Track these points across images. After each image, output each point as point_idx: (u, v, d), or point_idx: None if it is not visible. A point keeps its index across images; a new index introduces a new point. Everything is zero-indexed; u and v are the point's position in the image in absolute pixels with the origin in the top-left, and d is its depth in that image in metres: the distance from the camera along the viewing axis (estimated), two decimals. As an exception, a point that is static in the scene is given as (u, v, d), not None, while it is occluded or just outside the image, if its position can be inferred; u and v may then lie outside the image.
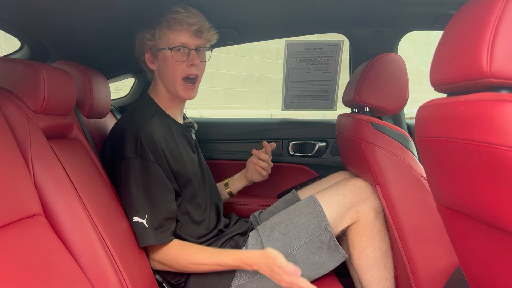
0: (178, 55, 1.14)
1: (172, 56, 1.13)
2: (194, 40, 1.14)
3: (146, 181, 1.07)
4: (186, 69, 1.15)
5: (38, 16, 1.07)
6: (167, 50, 1.13)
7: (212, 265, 1.06)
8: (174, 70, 1.14)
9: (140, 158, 1.07)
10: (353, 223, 1.19)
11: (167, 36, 1.13)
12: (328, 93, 1.84)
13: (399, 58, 1.26)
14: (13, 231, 0.67)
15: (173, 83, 1.16)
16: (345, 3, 1.33)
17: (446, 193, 0.71)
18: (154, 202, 1.06)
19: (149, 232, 1.04)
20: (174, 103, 1.24)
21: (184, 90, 1.17)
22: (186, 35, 1.13)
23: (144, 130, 1.08)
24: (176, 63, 1.14)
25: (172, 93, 1.19)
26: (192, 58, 1.14)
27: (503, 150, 0.51)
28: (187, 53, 1.14)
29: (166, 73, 1.17)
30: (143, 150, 1.07)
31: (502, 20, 0.54)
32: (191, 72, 1.15)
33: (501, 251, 0.61)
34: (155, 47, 1.15)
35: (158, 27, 1.13)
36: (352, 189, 1.20)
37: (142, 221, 1.04)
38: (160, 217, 1.06)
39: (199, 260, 1.07)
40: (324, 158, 1.80)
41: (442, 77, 0.66)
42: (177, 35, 1.12)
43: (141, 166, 1.07)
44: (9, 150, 0.75)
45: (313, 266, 1.14)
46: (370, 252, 1.19)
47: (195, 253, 1.08)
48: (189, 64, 1.14)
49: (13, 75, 0.91)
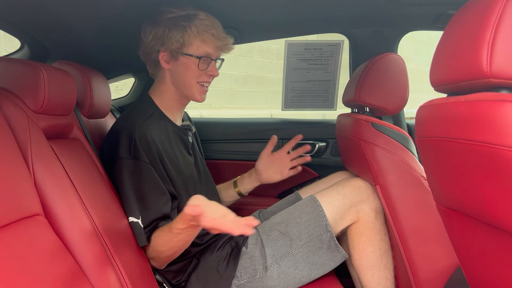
0: (203, 64, 1.16)
1: (198, 64, 1.15)
2: (217, 53, 1.19)
3: (138, 182, 1.06)
4: (205, 77, 1.19)
5: (38, 16, 1.07)
6: (194, 57, 1.15)
7: (173, 236, 1.00)
8: (193, 75, 1.17)
9: (133, 158, 1.07)
10: (353, 223, 1.19)
11: (196, 44, 1.14)
12: (328, 93, 1.84)
13: (399, 58, 1.26)
14: (13, 231, 0.67)
15: (190, 86, 1.18)
16: (345, 3, 1.33)
17: (446, 193, 0.71)
18: (145, 203, 1.06)
19: (144, 232, 1.04)
20: (178, 105, 1.24)
21: (200, 94, 1.20)
22: (213, 47, 1.16)
23: (139, 131, 1.09)
24: (198, 71, 1.16)
25: (186, 95, 1.21)
26: (212, 68, 1.19)
27: (503, 150, 0.51)
28: (208, 63, 1.17)
29: (183, 77, 1.17)
30: (137, 150, 1.07)
31: (502, 20, 0.54)
32: (207, 80, 1.20)
33: (501, 251, 0.61)
34: (180, 50, 1.15)
35: (187, 32, 1.13)
36: (352, 189, 1.20)
37: (138, 221, 1.04)
38: (151, 217, 1.05)
39: (163, 239, 1.02)
40: (324, 158, 1.80)
41: (442, 77, 0.66)
42: (206, 45, 1.15)
43: (134, 167, 1.07)
44: (9, 150, 0.75)
45: (313, 266, 1.14)
46: (370, 252, 1.19)
47: (159, 235, 1.04)
48: (209, 74, 1.19)
49: (13, 75, 0.91)
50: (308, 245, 1.14)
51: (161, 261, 1.08)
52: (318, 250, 1.14)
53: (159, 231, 1.04)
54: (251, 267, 1.14)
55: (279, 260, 1.13)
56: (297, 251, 1.14)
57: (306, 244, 1.14)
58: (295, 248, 1.14)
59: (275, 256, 1.13)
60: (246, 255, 1.15)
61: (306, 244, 1.14)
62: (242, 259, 1.15)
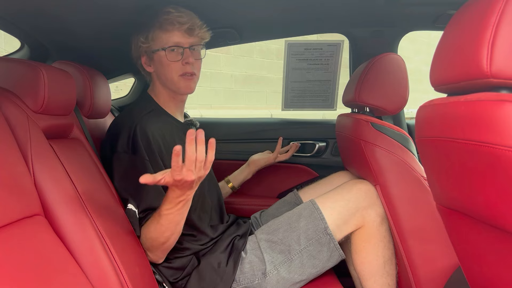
0: (172, 54, 1.15)
1: (166, 56, 1.14)
2: (187, 39, 1.16)
3: (132, 177, 1.05)
4: (181, 67, 1.16)
5: (38, 17, 1.07)
6: (161, 50, 1.15)
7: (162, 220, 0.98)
8: (170, 69, 1.16)
9: (131, 153, 1.07)
10: (358, 228, 1.17)
11: (160, 37, 1.14)
12: (328, 93, 1.84)
13: (399, 58, 1.26)
14: (13, 231, 0.67)
15: (171, 81, 1.18)
16: (345, 3, 1.33)
17: (446, 193, 0.71)
18: (140, 196, 1.05)
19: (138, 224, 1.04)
20: (175, 103, 1.25)
21: (184, 82, 1.18)
22: (178, 34, 1.14)
23: (138, 125, 1.09)
24: (171, 63, 1.15)
25: (174, 90, 1.20)
26: (186, 56, 1.16)
27: (503, 150, 0.51)
28: (181, 52, 1.16)
29: (163, 73, 1.18)
30: (135, 145, 1.07)
31: (502, 20, 0.54)
32: (187, 70, 1.17)
33: (501, 251, 0.61)
34: (150, 50, 1.17)
35: (151, 30, 1.14)
36: (359, 193, 1.17)
37: (136, 210, 1.04)
38: (140, 209, 1.04)
39: (154, 226, 1.01)
40: (324, 158, 1.80)
41: (442, 77, 0.66)
42: (169, 35, 1.14)
43: (131, 161, 1.07)
44: (9, 150, 0.75)
45: (313, 270, 1.13)
46: (373, 260, 1.17)
47: (150, 223, 1.03)
48: (184, 63, 1.16)
49: (13, 75, 0.91)
50: (308, 250, 1.13)
51: (157, 252, 1.06)
52: (318, 254, 1.13)
53: (149, 220, 1.03)
54: (250, 272, 1.13)
55: (278, 266, 1.12)
56: (296, 256, 1.12)
57: (306, 248, 1.12)
58: (294, 254, 1.12)
59: (274, 262, 1.12)
60: (245, 260, 1.14)
61: (306, 248, 1.12)
62: (242, 264, 1.14)
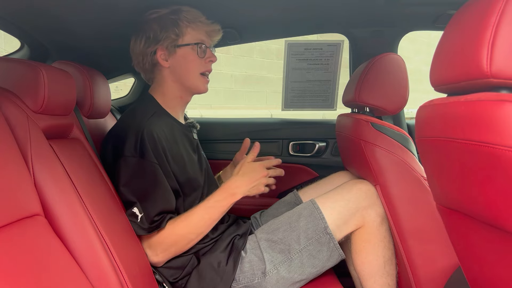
0: (200, 51, 1.19)
1: (196, 51, 1.18)
2: (209, 39, 1.23)
3: (142, 180, 1.06)
4: (204, 64, 1.21)
5: (38, 17, 1.07)
6: (190, 45, 1.18)
7: (206, 213, 1.07)
8: (194, 65, 1.19)
9: (139, 156, 1.07)
10: (358, 228, 1.17)
11: (188, 33, 1.17)
12: (328, 93, 1.84)
13: (399, 58, 1.26)
14: (13, 231, 0.67)
15: (193, 78, 1.20)
16: (345, 3, 1.33)
17: (446, 193, 0.71)
18: (149, 200, 1.05)
19: (143, 226, 1.04)
20: (180, 103, 1.25)
21: (203, 84, 1.22)
22: (204, 34, 1.20)
23: (145, 129, 1.08)
24: (197, 59, 1.19)
25: (189, 87, 1.22)
26: (210, 54, 1.22)
27: (503, 150, 0.51)
28: (204, 50, 1.20)
29: (185, 69, 1.19)
30: (143, 148, 1.07)
31: (502, 20, 0.54)
32: (209, 68, 1.22)
33: (501, 251, 0.61)
34: (174, 44, 1.17)
35: (179, 24, 1.16)
36: (359, 193, 1.17)
37: (140, 215, 1.05)
38: (157, 210, 1.06)
39: (193, 219, 1.07)
40: (324, 158, 1.80)
41: (442, 77, 0.66)
42: (197, 32, 1.19)
43: (139, 164, 1.07)
44: (9, 150, 0.75)
45: (313, 269, 1.13)
46: (373, 260, 1.16)
47: (186, 217, 1.08)
48: (208, 60, 1.21)
49: (13, 75, 0.91)
50: (308, 249, 1.13)
51: (179, 251, 1.10)
52: (318, 254, 1.13)
53: (181, 216, 1.09)
54: (250, 271, 1.13)
55: (278, 266, 1.12)
56: (296, 256, 1.12)
57: (306, 248, 1.13)
58: (294, 253, 1.12)
59: (274, 261, 1.12)
60: (245, 259, 1.14)
61: (306, 248, 1.13)
62: (241, 263, 1.14)
